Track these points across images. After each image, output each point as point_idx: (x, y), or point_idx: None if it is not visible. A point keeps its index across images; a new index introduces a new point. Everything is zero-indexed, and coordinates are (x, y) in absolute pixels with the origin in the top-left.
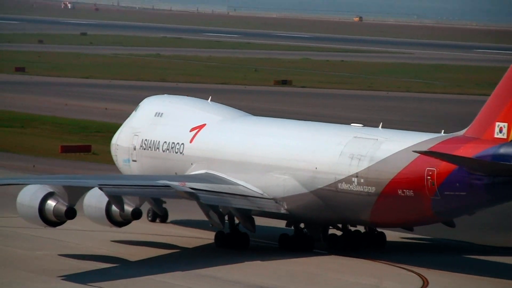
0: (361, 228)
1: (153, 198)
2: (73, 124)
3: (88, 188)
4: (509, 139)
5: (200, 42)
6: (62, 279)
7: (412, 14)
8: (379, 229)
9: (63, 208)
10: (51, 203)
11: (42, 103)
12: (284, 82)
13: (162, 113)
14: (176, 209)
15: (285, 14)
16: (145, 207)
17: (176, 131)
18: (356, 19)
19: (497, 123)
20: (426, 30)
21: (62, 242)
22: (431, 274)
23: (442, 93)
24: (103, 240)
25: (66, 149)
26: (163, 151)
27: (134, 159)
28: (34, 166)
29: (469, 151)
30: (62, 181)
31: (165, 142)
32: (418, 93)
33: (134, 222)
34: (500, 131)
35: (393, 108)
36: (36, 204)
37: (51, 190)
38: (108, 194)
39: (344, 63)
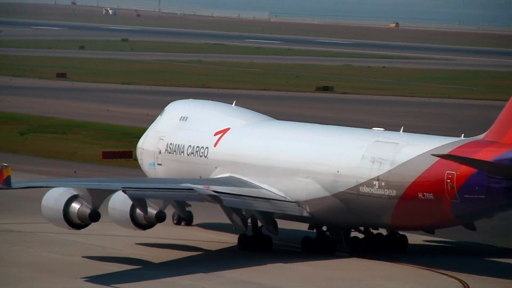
0: (383, 231)
1: (176, 201)
2: (114, 130)
3: (111, 191)
4: None
5: (241, 48)
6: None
7: (454, 20)
8: (400, 232)
9: (87, 210)
10: (75, 205)
11: (83, 109)
12: (326, 88)
13: (187, 117)
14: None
15: (326, 20)
16: (171, 211)
17: (200, 135)
18: (393, 25)
19: None
20: (467, 36)
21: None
22: (465, 278)
23: (483, 99)
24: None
25: (107, 155)
26: (188, 155)
27: (160, 162)
28: (75, 172)
29: (488, 155)
30: (86, 184)
31: (190, 146)
32: (459, 99)
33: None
34: None
35: (433, 115)
36: (61, 206)
37: (75, 193)
38: (131, 197)
39: (386, 69)
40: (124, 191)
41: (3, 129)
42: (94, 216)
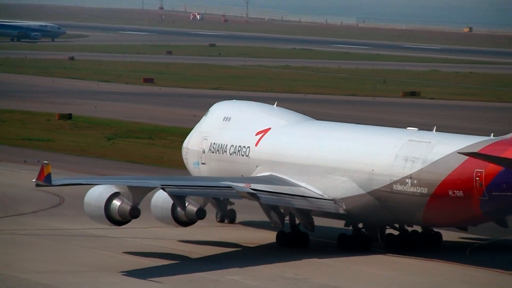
0: (418, 228)
1: (215, 198)
2: None
3: (151, 188)
4: None
5: (329, 53)
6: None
7: None
8: (435, 229)
9: (128, 207)
10: (116, 203)
11: (170, 114)
12: (413, 94)
13: (230, 118)
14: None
15: (413, 25)
16: (215, 209)
17: (242, 135)
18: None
19: None
20: None
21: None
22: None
23: None
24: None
25: None
26: (230, 154)
27: (203, 162)
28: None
29: None
30: (126, 182)
31: (232, 145)
32: None
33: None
34: None
35: None
36: (102, 204)
37: (116, 190)
38: (170, 194)
39: (473, 75)
40: (163, 189)
41: (90, 134)
42: (134, 213)
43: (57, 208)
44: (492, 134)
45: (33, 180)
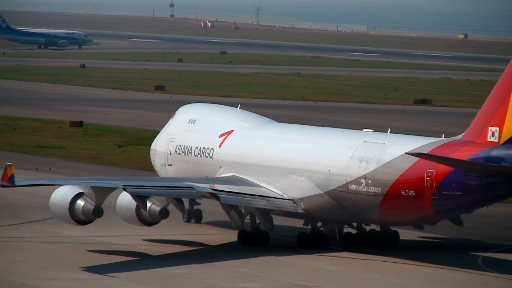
0: (377, 227)
1: (177, 198)
2: None
3: (113, 189)
4: (500, 143)
5: (340, 61)
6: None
7: None
8: (393, 228)
9: (91, 207)
10: (80, 202)
11: None
12: (424, 101)
13: (195, 120)
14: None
15: (424, 33)
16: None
17: (206, 137)
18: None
19: (489, 128)
20: None
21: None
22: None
23: None
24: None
25: None
26: (195, 156)
27: (170, 163)
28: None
29: (464, 154)
30: (89, 182)
31: (197, 147)
32: None
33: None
34: (493, 135)
35: None
36: (67, 204)
37: (80, 190)
38: (131, 194)
39: (484, 83)
40: (124, 189)
41: (101, 142)
42: (97, 212)
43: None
44: (444, 135)
45: None
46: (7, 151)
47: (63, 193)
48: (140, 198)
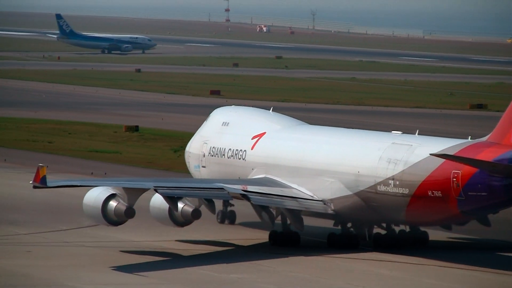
0: (406, 228)
1: (207, 199)
2: None
3: (144, 190)
4: None
5: (395, 65)
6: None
7: None
8: (422, 228)
9: (123, 208)
10: (112, 203)
11: None
12: (480, 106)
13: (228, 123)
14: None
15: (480, 38)
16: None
17: (239, 139)
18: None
19: None
20: None
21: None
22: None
23: None
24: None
25: None
26: (228, 158)
27: (204, 165)
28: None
29: (489, 155)
30: (121, 183)
31: (230, 149)
32: None
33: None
34: None
35: None
36: (100, 204)
37: (113, 192)
38: (162, 195)
39: None
40: (155, 190)
41: (157, 146)
42: (129, 213)
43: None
44: (470, 137)
45: (30, 182)
46: (63, 156)
47: (96, 194)
48: (172, 199)
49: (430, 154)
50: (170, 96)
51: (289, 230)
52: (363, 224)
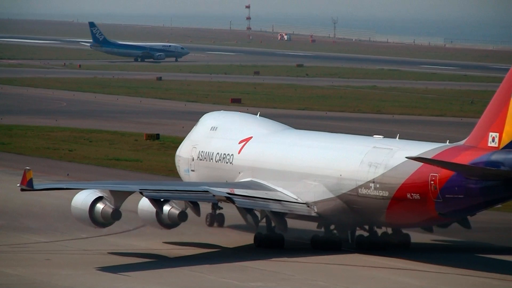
0: (389, 230)
1: (192, 202)
2: None
3: (130, 192)
4: (500, 148)
5: (416, 74)
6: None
7: None
8: (404, 231)
9: (110, 210)
10: (99, 206)
11: None
12: None
13: (216, 127)
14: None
15: (502, 46)
16: (204, 213)
17: (227, 143)
18: None
19: (490, 133)
20: None
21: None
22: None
23: None
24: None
25: None
26: (216, 162)
27: (193, 169)
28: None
29: (465, 158)
30: (108, 186)
31: (218, 153)
32: None
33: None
34: (493, 140)
35: None
36: (87, 207)
37: (100, 194)
38: (148, 198)
39: None
40: (141, 192)
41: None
42: (116, 215)
43: (143, 229)
44: (448, 140)
45: (18, 185)
46: (84, 164)
47: (83, 197)
48: (158, 202)
49: (406, 157)
50: (191, 104)
51: (274, 232)
52: (346, 226)
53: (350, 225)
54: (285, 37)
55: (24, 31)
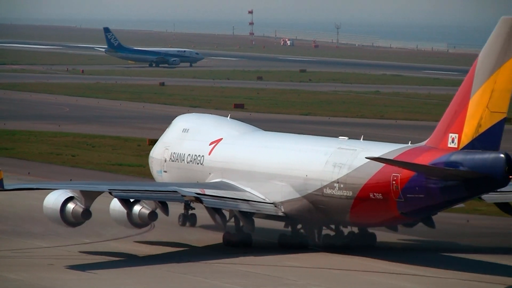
0: (355, 229)
1: (161, 202)
2: None
3: (100, 192)
4: (459, 148)
5: (419, 79)
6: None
7: None
8: (370, 230)
9: (80, 210)
10: (70, 206)
11: None
12: (505, 119)
13: (188, 129)
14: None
15: None
16: (176, 213)
17: (198, 145)
18: None
19: (450, 134)
20: None
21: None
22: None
23: None
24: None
25: None
26: (188, 163)
27: (165, 170)
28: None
29: (426, 159)
30: (78, 186)
31: (189, 154)
32: None
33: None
34: (452, 141)
35: None
36: (58, 207)
37: (71, 194)
38: (117, 198)
39: None
40: (110, 193)
41: None
42: (86, 215)
43: (145, 234)
44: (410, 141)
45: None
46: (87, 169)
47: (55, 197)
48: (127, 202)
49: (366, 158)
50: (194, 110)
51: (242, 231)
52: (312, 226)
53: (316, 224)
54: (288, 42)
55: (26, 36)
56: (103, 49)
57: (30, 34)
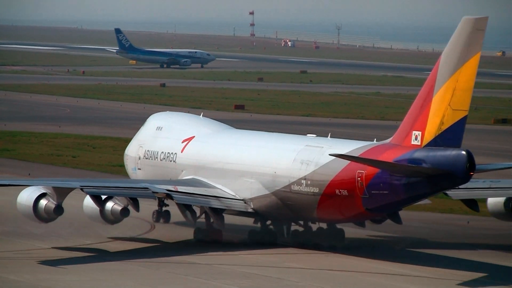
0: (324, 225)
1: (132, 198)
2: None
3: (72, 189)
4: (422, 145)
5: (420, 80)
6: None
7: None
8: (338, 226)
9: (52, 206)
10: (42, 202)
11: None
12: (504, 121)
13: (162, 127)
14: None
15: (508, 52)
16: (150, 209)
17: (171, 143)
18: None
19: (413, 132)
20: None
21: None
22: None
23: None
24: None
25: None
26: (161, 160)
27: (139, 167)
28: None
29: (390, 156)
30: (50, 183)
31: (162, 152)
32: None
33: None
34: (416, 138)
35: None
36: (31, 203)
37: (44, 191)
38: (89, 194)
39: None
40: (81, 189)
41: None
42: (58, 211)
43: (147, 234)
44: (375, 139)
45: None
46: (88, 170)
47: (28, 194)
48: (99, 198)
49: (330, 155)
50: (195, 111)
51: (212, 227)
52: (281, 222)
53: (285, 220)
54: (289, 43)
55: (27, 37)
56: (115, 50)
57: (31, 35)
